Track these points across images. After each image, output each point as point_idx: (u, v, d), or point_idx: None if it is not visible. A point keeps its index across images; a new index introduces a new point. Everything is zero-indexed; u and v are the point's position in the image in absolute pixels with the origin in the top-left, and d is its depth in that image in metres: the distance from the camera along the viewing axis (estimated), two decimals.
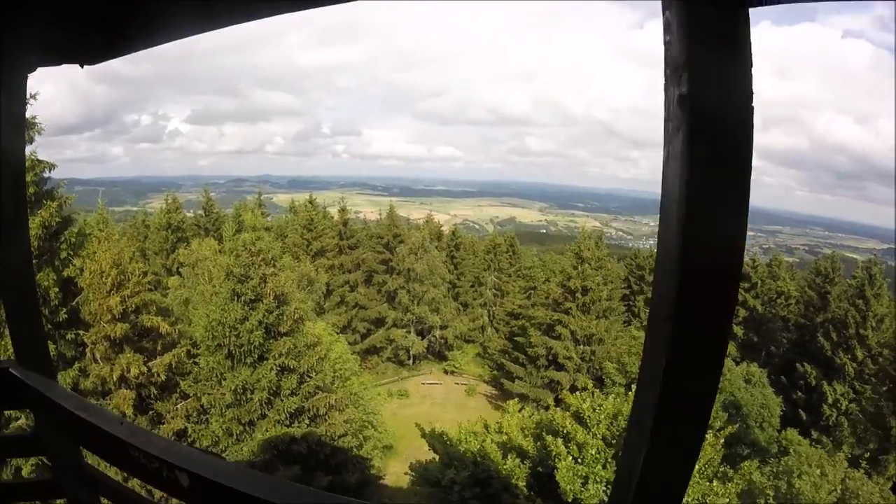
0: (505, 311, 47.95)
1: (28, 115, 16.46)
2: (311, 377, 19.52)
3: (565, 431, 13.42)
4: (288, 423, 18.93)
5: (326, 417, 20.18)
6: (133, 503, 2.01)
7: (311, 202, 40.03)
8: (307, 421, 19.55)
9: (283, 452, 18.77)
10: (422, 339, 44.28)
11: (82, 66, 1.64)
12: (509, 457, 14.72)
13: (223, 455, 18.50)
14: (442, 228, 55.93)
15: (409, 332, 43.76)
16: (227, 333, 17.96)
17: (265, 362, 18.41)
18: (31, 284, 2.13)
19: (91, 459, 2.27)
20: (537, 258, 56.32)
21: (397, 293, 43.32)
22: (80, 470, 1.98)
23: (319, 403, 19.62)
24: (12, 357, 2.24)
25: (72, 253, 17.27)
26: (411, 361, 44.97)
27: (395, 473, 29.15)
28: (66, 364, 17.05)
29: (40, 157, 16.74)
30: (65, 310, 16.69)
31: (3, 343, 13.70)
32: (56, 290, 16.29)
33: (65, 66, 1.76)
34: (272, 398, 18.49)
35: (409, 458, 33.10)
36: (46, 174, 16.90)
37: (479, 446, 16.29)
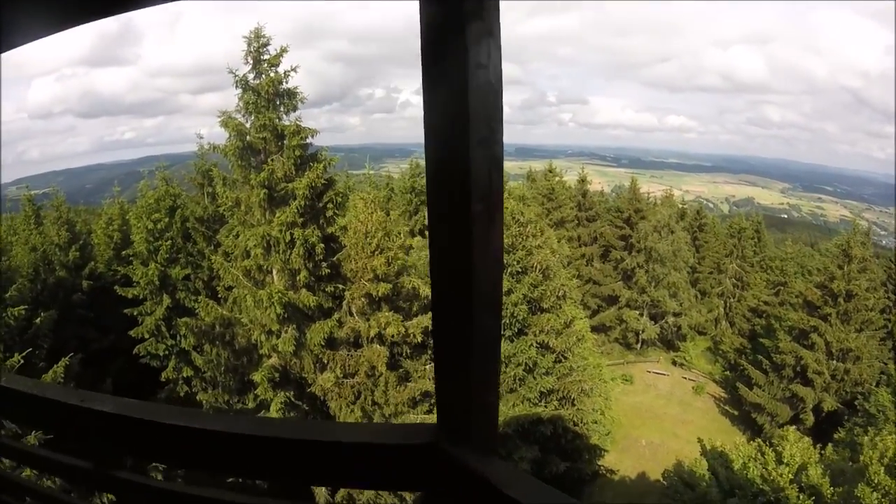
0: (747, 305, 42.75)
1: (291, 85, 17.17)
2: (566, 357, 18.34)
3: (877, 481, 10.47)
4: (536, 401, 18.00)
5: (575, 401, 18.99)
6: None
7: (550, 171, 38.64)
8: (556, 403, 18.48)
9: (526, 431, 17.99)
10: (654, 324, 41.00)
11: None
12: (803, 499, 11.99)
13: None
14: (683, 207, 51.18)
15: (643, 314, 40.73)
16: None
17: (524, 337, 17.59)
18: None
19: None
20: (783, 248, 49.23)
21: (635, 272, 40.17)
22: None
23: (572, 387, 18.41)
24: None
25: (336, 212, 17.76)
26: (639, 346, 42.04)
27: (612, 464, 27.45)
28: (324, 315, 17.72)
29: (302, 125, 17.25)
30: (326, 264, 17.21)
31: None
32: (322, 246, 16.70)
33: None
34: (526, 374, 17.62)
35: (626, 449, 31.12)
36: (309, 140, 17.38)
37: (760, 474, 13.74)
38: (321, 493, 19.52)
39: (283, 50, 16.96)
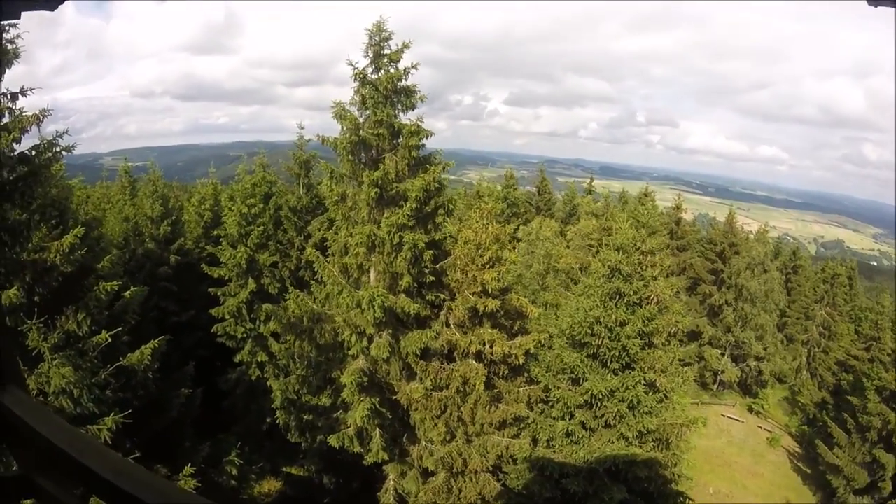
0: (833, 357, 40.10)
1: (409, 83, 16.49)
2: (668, 397, 17.14)
3: None
4: (634, 441, 16.86)
5: (671, 444, 17.76)
6: None
7: (646, 194, 37.17)
8: (652, 444, 17.28)
9: (617, 471, 16.86)
10: (735, 366, 38.90)
11: None
12: None
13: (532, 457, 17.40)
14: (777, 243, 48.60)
15: (724, 354, 38.71)
16: (602, 334, 16.24)
17: (632, 372, 16.46)
18: None
19: None
20: (878, 300, 45.94)
21: (722, 309, 38.30)
22: None
23: (672, 430, 17.19)
24: None
25: (445, 219, 17.12)
26: (716, 387, 40.03)
27: None
28: (418, 323, 17.05)
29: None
30: (429, 272, 16.55)
31: None
32: (430, 252, 16.04)
33: None
34: (628, 412, 16.50)
35: (693, 496, 29.36)
36: (424, 141, 16.67)
37: None
38: (389, 489, 18.97)
39: (405, 46, 16.37)
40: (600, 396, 16.60)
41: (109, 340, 12.71)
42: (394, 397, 17.27)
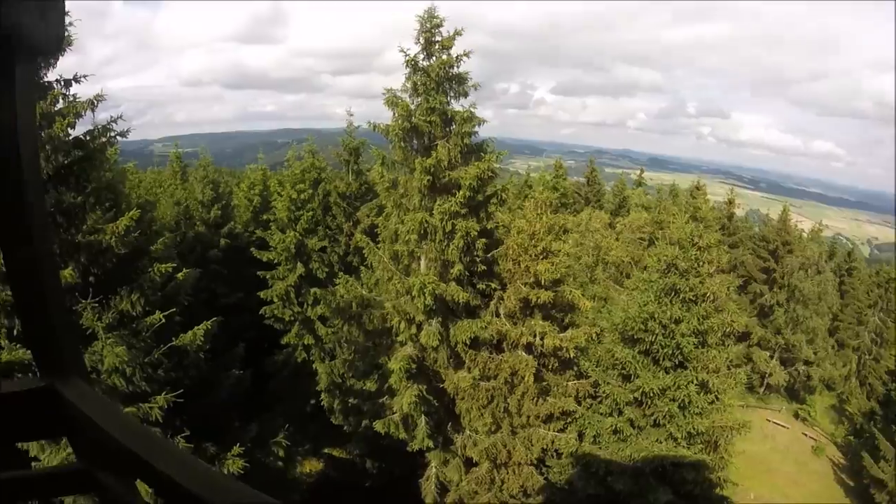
0: (885, 366, 38.55)
1: (460, 70, 16.35)
2: (719, 399, 16.76)
3: None
4: (682, 442, 16.53)
5: (719, 446, 17.37)
6: None
7: (698, 188, 36.18)
8: (700, 445, 16.93)
9: (664, 472, 16.56)
10: (783, 370, 37.78)
11: None
12: None
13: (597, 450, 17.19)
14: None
15: (773, 357, 37.62)
16: (656, 330, 15.93)
17: (684, 371, 16.11)
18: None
19: None
20: None
21: (773, 310, 37.14)
22: None
23: (722, 432, 16.82)
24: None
25: (498, 207, 16.99)
26: (762, 390, 38.97)
27: None
28: (468, 312, 16.98)
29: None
30: (480, 260, 16.46)
31: None
32: (483, 241, 15.93)
33: None
34: (679, 411, 16.17)
35: (734, 501, 28.79)
36: (476, 129, 16.49)
37: None
38: (431, 477, 19.02)
39: (457, 33, 16.23)
40: (651, 394, 16.33)
41: (163, 321, 12.94)
42: (441, 385, 17.26)
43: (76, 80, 12.45)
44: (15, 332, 12.65)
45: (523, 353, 16.22)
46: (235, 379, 15.52)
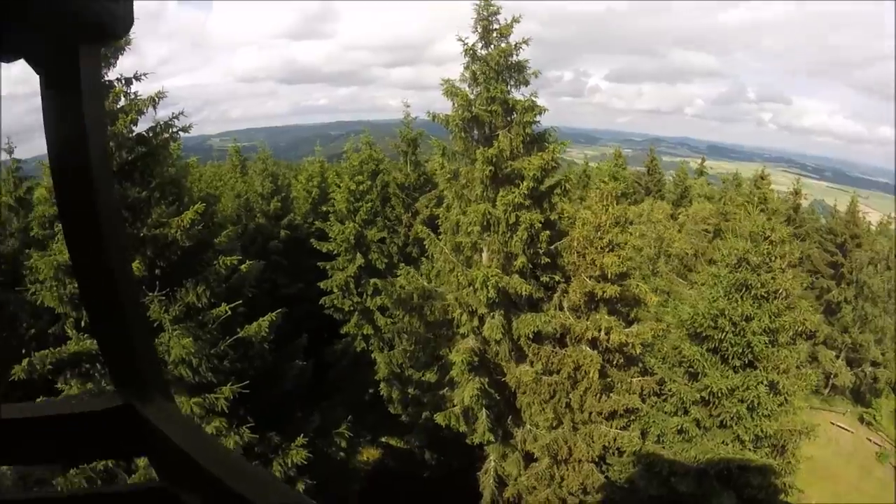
0: None
1: (520, 58, 16.01)
2: (788, 401, 16.09)
3: None
4: (749, 444, 15.94)
5: (787, 451, 16.70)
6: None
7: (762, 177, 34.69)
8: (767, 449, 16.28)
9: (728, 475, 16.01)
10: (849, 370, 36.08)
11: None
12: None
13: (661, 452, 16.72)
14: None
15: (839, 357, 35.93)
16: (726, 328, 15.35)
17: (754, 371, 15.48)
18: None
19: None
20: None
21: (840, 307, 35.41)
22: None
23: (790, 436, 16.17)
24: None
25: (561, 197, 16.66)
26: (827, 391, 37.29)
27: None
28: (530, 305, 16.74)
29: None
30: (544, 252, 16.16)
31: None
32: (547, 233, 15.64)
33: None
34: (747, 413, 15.57)
35: None
36: (538, 118, 16.18)
37: None
38: (490, 470, 18.92)
39: (515, 20, 15.93)
40: (719, 394, 15.73)
41: (228, 313, 13.18)
42: (502, 379, 17.09)
43: (136, 78, 12.84)
44: (83, 323, 13.15)
45: (587, 348, 15.88)
46: (299, 369, 15.70)
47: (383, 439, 25.62)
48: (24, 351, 19.80)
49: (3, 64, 1.10)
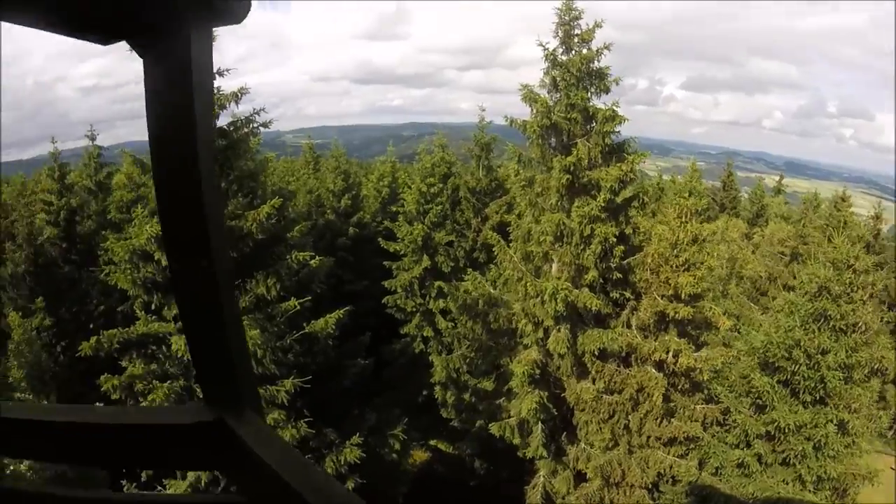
0: None
1: (601, 65, 15.68)
2: (856, 442, 15.17)
3: None
4: (811, 485, 15.03)
5: (848, 494, 15.73)
6: None
7: (843, 199, 32.51)
8: (828, 492, 15.33)
9: None
10: None
11: None
12: None
13: None
14: None
15: None
16: (801, 360, 14.56)
17: (823, 408, 14.62)
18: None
19: None
20: None
21: None
22: None
23: (853, 479, 15.22)
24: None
25: (639, 211, 16.39)
26: (891, 433, 34.88)
27: None
28: (597, 321, 16.33)
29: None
30: (615, 267, 15.74)
31: None
32: (622, 247, 15.22)
33: None
34: (812, 452, 14.71)
35: None
36: (618, 128, 15.83)
37: None
38: (538, 486, 18.51)
39: (598, 25, 15.65)
40: (786, 430, 14.86)
41: (298, 308, 13.38)
42: (561, 394, 16.71)
43: (219, 73, 13.28)
44: (153, 306, 13.61)
45: (653, 370, 15.31)
46: (360, 367, 15.78)
47: (433, 443, 25.51)
48: (91, 326, 20.89)
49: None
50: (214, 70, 12.95)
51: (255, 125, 13.72)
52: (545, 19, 16.07)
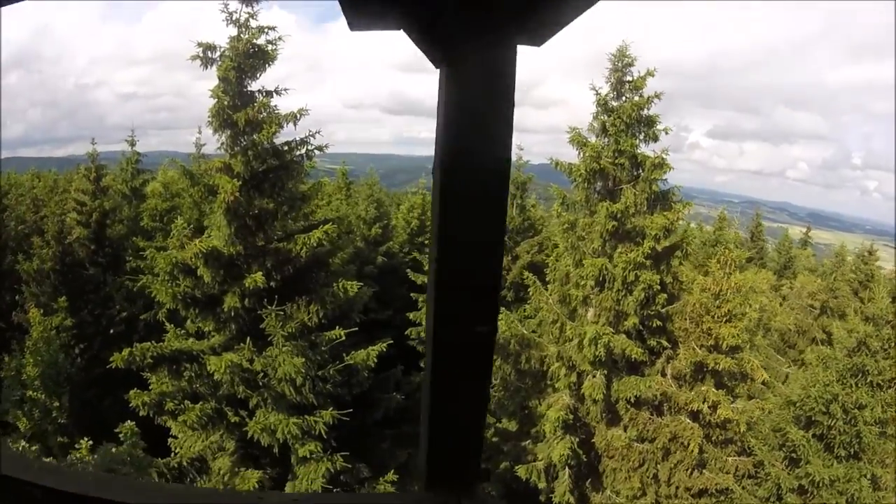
0: None
1: (651, 112, 15.91)
2: (886, 497, 14.88)
3: None
4: None
5: None
6: None
7: (870, 252, 32.00)
8: None
9: None
10: None
11: None
12: None
13: None
14: None
15: None
16: (838, 414, 14.43)
17: (857, 463, 14.44)
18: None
19: None
20: None
21: None
22: None
23: None
24: None
25: (682, 260, 16.42)
26: None
27: None
28: (631, 368, 16.15)
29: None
30: (654, 315, 15.67)
31: None
32: (664, 296, 15.18)
33: None
34: None
35: None
36: (665, 176, 16.07)
37: None
38: None
39: (650, 73, 15.92)
40: (819, 484, 14.74)
41: (343, 338, 13.12)
42: (589, 440, 16.48)
43: (277, 92, 13.39)
44: (187, 321, 13.53)
45: (688, 420, 15.12)
46: (395, 401, 15.59)
47: None
48: (111, 332, 20.80)
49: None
50: (272, 88, 13.24)
51: (311, 147, 13.71)
52: (576, 61, 16.52)
